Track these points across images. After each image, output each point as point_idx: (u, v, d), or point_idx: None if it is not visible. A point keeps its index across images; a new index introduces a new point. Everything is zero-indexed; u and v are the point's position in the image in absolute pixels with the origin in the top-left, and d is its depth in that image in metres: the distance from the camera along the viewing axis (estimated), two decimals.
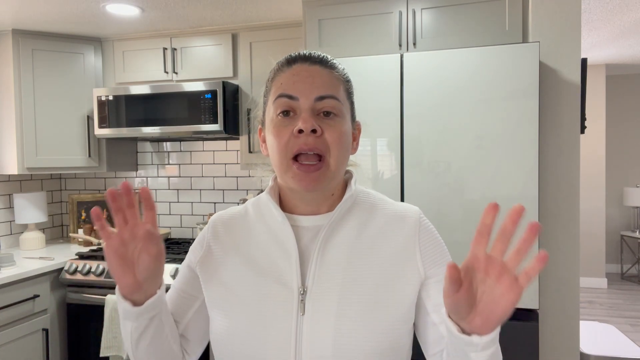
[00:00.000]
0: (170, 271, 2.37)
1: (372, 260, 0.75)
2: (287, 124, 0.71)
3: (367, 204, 0.81)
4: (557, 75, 1.86)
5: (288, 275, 0.74)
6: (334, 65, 0.77)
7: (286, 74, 0.74)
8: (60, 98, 2.75)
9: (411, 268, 0.75)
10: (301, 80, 0.72)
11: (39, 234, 2.87)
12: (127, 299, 0.72)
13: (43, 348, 2.42)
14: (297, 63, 0.74)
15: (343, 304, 0.71)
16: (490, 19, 2.02)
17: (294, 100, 0.71)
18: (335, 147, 0.71)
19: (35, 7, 2.34)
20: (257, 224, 0.81)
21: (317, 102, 0.71)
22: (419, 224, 0.78)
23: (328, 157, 0.71)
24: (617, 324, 4.21)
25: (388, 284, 0.74)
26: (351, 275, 0.74)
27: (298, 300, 0.72)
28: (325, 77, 0.73)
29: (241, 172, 2.97)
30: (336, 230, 0.77)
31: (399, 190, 1.86)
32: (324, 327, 0.70)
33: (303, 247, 0.76)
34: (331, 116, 0.72)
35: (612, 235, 5.79)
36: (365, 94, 1.86)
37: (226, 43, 2.65)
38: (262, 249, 0.78)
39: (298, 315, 0.72)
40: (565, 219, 1.87)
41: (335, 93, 0.73)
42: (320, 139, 0.70)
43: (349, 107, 0.77)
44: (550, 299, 1.88)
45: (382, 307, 0.72)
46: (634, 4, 2.96)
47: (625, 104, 5.73)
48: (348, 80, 0.79)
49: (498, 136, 1.74)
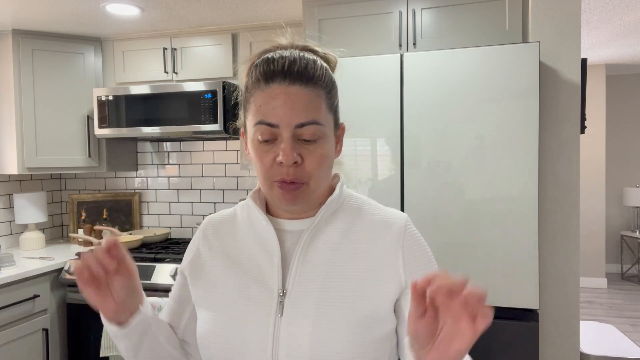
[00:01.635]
0: (170, 271, 2.37)
1: (353, 264, 0.75)
2: (269, 150, 0.71)
3: (353, 208, 0.81)
4: (557, 75, 1.86)
5: (269, 277, 0.75)
6: (315, 77, 0.71)
7: (264, 94, 0.70)
8: (60, 98, 2.75)
9: (393, 274, 0.75)
10: (280, 106, 0.69)
11: (39, 234, 2.87)
12: (112, 321, 0.73)
13: (43, 348, 2.41)
14: (276, 82, 0.70)
15: (321, 306, 0.72)
16: (490, 19, 2.02)
17: (274, 127, 0.70)
18: (316, 172, 0.72)
19: (35, 7, 2.34)
20: (244, 226, 0.83)
21: (297, 129, 0.69)
22: (404, 231, 0.78)
23: (310, 182, 0.72)
24: (617, 324, 4.21)
25: (368, 288, 0.73)
26: (331, 278, 0.74)
27: (277, 301, 0.73)
28: (305, 99, 0.70)
29: (241, 172, 2.97)
30: (319, 233, 0.77)
31: (399, 190, 1.86)
32: (301, 328, 0.71)
33: (286, 250, 0.77)
34: (311, 141, 0.71)
35: (612, 235, 5.79)
36: (365, 94, 1.86)
37: (226, 43, 2.65)
38: (247, 251, 0.80)
39: (276, 316, 0.72)
40: (565, 219, 1.87)
41: (317, 116, 0.70)
42: (300, 167, 0.70)
43: (332, 118, 0.75)
44: (550, 299, 1.88)
45: (360, 310, 0.72)
46: (634, 4, 2.96)
47: (625, 104, 5.72)
48: (331, 88, 0.74)
49: (498, 136, 1.74)
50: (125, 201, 3.15)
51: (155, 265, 2.42)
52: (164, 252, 2.58)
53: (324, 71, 0.74)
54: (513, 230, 1.74)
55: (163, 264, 2.42)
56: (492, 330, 1.75)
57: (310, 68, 0.72)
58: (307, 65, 0.71)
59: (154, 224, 3.16)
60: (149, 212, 3.16)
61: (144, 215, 3.17)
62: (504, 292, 1.75)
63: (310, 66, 0.72)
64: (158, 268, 2.40)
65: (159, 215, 3.14)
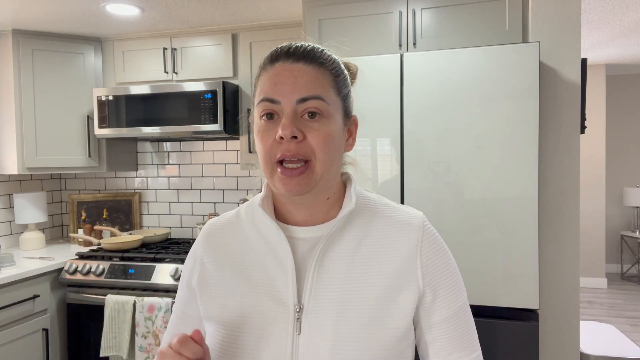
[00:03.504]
0: (170, 271, 2.37)
1: (371, 273, 0.71)
2: (271, 128, 0.68)
3: (367, 211, 0.77)
4: (557, 75, 1.86)
5: (284, 292, 0.71)
6: (322, 59, 0.70)
7: (269, 73, 0.70)
8: (60, 98, 2.75)
9: (411, 282, 0.72)
10: (282, 82, 0.68)
11: (39, 234, 2.87)
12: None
13: (43, 348, 2.41)
14: (280, 61, 0.69)
15: (340, 321, 0.69)
16: (490, 19, 2.02)
17: (276, 104, 0.68)
18: (320, 150, 0.68)
19: (35, 7, 2.34)
20: (250, 232, 0.78)
21: (299, 105, 0.67)
22: (422, 233, 0.74)
23: (313, 161, 0.68)
24: (617, 324, 4.21)
25: (388, 299, 0.70)
26: (349, 289, 0.71)
27: (294, 318, 0.70)
28: (309, 76, 0.68)
29: (241, 172, 2.97)
30: (334, 242, 0.73)
31: (399, 190, 1.86)
32: (321, 346, 0.68)
33: (299, 259, 0.73)
34: (316, 117, 0.68)
35: (612, 235, 5.79)
36: (365, 94, 1.86)
37: (226, 43, 2.65)
38: (256, 260, 0.75)
39: (294, 335, 0.69)
40: (565, 219, 1.87)
41: (320, 92, 0.68)
42: (302, 143, 0.67)
43: (340, 103, 0.72)
44: (550, 299, 1.88)
45: (381, 323, 0.69)
46: (634, 4, 2.96)
47: (625, 104, 5.72)
48: (339, 74, 0.72)
49: (498, 136, 1.74)
50: (125, 201, 3.15)
51: (155, 265, 2.42)
52: (164, 252, 2.57)
53: (332, 58, 0.73)
54: (513, 230, 1.74)
55: (163, 264, 2.42)
56: (492, 330, 1.75)
57: (317, 51, 0.71)
58: (314, 49, 0.71)
59: (154, 224, 3.16)
60: (149, 212, 3.16)
61: (144, 215, 3.17)
62: (504, 292, 1.75)
63: (316, 49, 0.71)
64: (158, 268, 2.40)
65: (159, 215, 3.14)
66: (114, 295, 2.36)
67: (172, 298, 2.30)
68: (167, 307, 2.26)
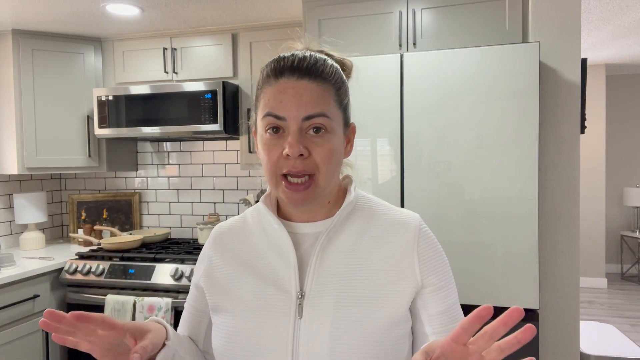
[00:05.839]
0: (170, 271, 2.37)
1: (369, 265, 0.76)
2: (276, 143, 0.71)
3: (366, 209, 0.81)
4: (557, 75, 1.86)
5: (287, 281, 0.76)
6: (325, 73, 0.73)
7: (273, 88, 0.72)
8: (60, 98, 2.75)
9: (409, 274, 0.75)
10: (288, 99, 0.70)
11: (39, 234, 2.87)
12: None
13: (43, 348, 2.41)
14: (284, 76, 0.71)
15: (340, 307, 0.73)
16: (490, 19, 2.02)
17: (282, 120, 0.70)
18: (324, 165, 0.71)
19: (35, 7, 2.34)
20: (256, 232, 0.83)
21: (304, 122, 0.70)
22: (418, 232, 0.78)
23: (317, 175, 0.71)
24: (617, 324, 4.21)
25: (385, 289, 0.74)
26: (349, 279, 0.75)
27: (296, 304, 0.74)
28: (314, 93, 0.71)
29: (241, 172, 2.97)
30: (335, 236, 0.78)
31: (399, 190, 1.86)
32: (321, 329, 0.71)
33: (302, 253, 0.78)
34: (321, 132, 0.71)
35: (612, 235, 5.79)
36: (365, 94, 1.86)
37: (226, 43, 2.65)
38: (261, 256, 0.79)
39: (296, 319, 0.73)
40: (565, 219, 1.87)
41: (325, 109, 0.71)
42: (308, 160, 0.70)
43: (341, 115, 0.75)
44: (550, 299, 1.88)
45: (377, 308, 0.73)
46: (634, 4, 2.96)
47: (625, 104, 5.72)
48: (340, 86, 0.75)
49: (498, 136, 1.74)
50: (125, 201, 3.15)
51: (155, 265, 2.42)
52: (164, 252, 2.57)
53: (334, 69, 0.75)
54: (513, 230, 1.74)
55: (163, 264, 2.42)
56: None
57: (320, 65, 0.73)
58: (317, 62, 0.73)
59: (154, 224, 3.16)
60: (149, 212, 3.16)
61: (144, 215, 3.17)
62: (504, 292, 1.75)
63: (319, 63, 0.73)
64: (158, 268, 2.40)
65: (159, 215, 3.14)
66: (114, 295, 2.36)
67: (172, 298, 2.30)
68: (167, 307, 2.26)
